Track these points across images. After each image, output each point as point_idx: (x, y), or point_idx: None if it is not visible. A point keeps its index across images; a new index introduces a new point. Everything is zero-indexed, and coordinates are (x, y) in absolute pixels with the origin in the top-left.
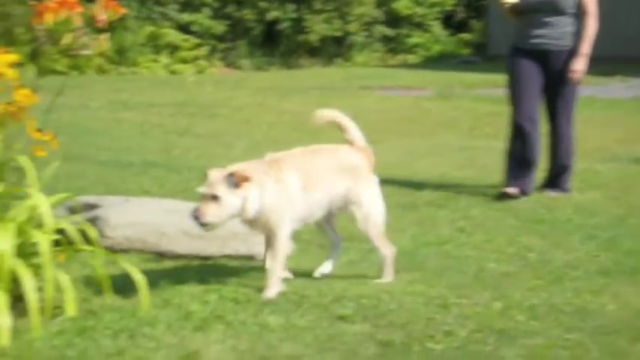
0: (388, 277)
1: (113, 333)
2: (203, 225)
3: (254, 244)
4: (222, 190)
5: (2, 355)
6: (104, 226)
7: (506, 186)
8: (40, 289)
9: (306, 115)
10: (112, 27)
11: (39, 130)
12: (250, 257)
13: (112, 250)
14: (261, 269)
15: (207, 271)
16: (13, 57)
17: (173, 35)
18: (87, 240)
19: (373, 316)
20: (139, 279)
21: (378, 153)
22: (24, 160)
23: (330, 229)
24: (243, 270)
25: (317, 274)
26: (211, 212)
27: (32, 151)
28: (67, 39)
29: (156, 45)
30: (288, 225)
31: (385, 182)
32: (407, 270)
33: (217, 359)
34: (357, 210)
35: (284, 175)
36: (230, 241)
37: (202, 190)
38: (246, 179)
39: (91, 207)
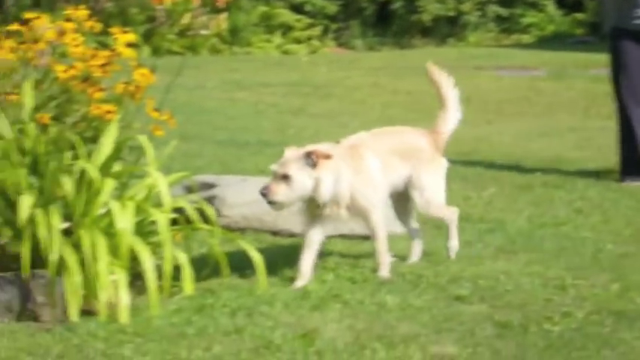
0: (454, 239)
1: (231, 311)
2: (270, 203)
3: (356, 224)
4: (294, 169)
5: (122, 332)
6: (221, 205)
7: (623, 174)
8: (158, 268)
9: (421, 95)
10: (226, 7)
11: (157, 110)
12: (366, 237)
13: (229, 229)
14: (372, 249)
15: (324, 250)
16: (130, 37)
17: (286, 15)
18: (204, 219)
19: (490, 297)
20: (257, 258)
21: (493, 133)
22: (143, 139)
23: (408, 218)
24: (360, 250)
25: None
26: (281, 191)
27: (150, 130)
28: (186, 19)
29: (269, 25)
30: (380, 207)
31: (500, 163)
32: (524, 251)
33: (335, 338)
34: (419, 195)
35: (365, 159)
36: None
37: (274, 167)
38: (327, 157)
39: (208, 186)
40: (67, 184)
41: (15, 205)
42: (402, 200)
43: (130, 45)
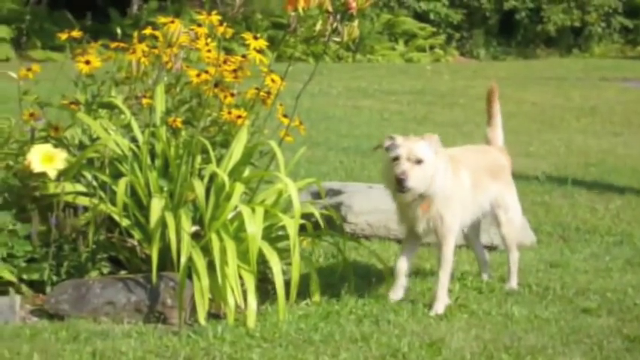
0: (514, 281)
1: (357, 318)
2: (404, 190)
3: (495, 234)
4: (428, 153)
5: (249, 336)
6: (348, 211)
7: None
8: (286, 273)
9: (545, 106)
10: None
11: (285, 116)
12: (492, 247)
13: (355, 236)
14: (502, 257)
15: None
16: (261, 43)
17: (410, 23)
18: (330, 225)
19: (619, 310)
20: (384, 265)
21: (619, 145)
22: (273, 145)
23: (478, 240)
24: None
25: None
26: (419, 176)
27: (280, 136)
28: (318, 25)
29: (392, 33)
30: (458, 230)
31: (627, 175)
32: None
33: (462, 348)
34: (503, 214)
35: (460, 173)
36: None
37: (401, 152)
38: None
39: (335, 193)
40: (198, 188)
41: (145, 208)
42: (474, 224)
43: (259, 51)
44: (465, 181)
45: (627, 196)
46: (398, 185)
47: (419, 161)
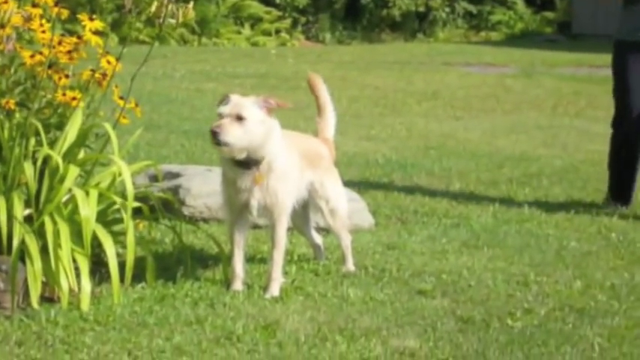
0: (350, 264)
1: (193, 301)
2: (219, 145)
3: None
4: (251, 111)
5: (83, 320)
6: (186, 194)
7: (611, 197)
8: (121, 256)
9: (388, 91)
10: None
11: (122, 98)
12: (328, 231)
13: (193, 219)
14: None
15: (288, 242)
16: (98, 24)
17: (256, 7)
18: (168, 208)
19: (453, 292)
20: (220, 248)
21: (460, 129)
22: (108, 127)
23: (307, 225)
24: (323, 242)
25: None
26: (236, 132)
27: (116, 118)
28: (153, 7)
29: (238, 16)
30: (290, 209)
31: (466, 159)
32: (488, 247)
33: (296, 330)
34: (324, 204)
35: (292, 151)
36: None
37: (224, 109)
38: (283, 106)
39: (173, 176)
40: (29, 170)
41: None
42: (301, 210)
43: (97, 33)
44: (296, 160)
45: (466, 179)
46: (212, 139)
47: (239, 118)
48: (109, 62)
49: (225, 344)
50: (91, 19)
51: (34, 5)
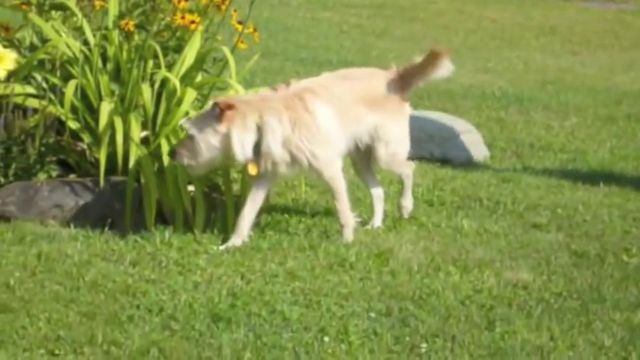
0: (408, 200)
1: (306, 228)
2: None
3: (450, 148)
4: (196, 127)
5: (197, 242)
6: None
7: None
8: (235, 181)
9: (505, 24)
10: None
11: (240, 23)
12: (445, 160)
13: None
14: (454, 171)
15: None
16: None
17: None
18: None
19: (568, 226)
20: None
21: (577, 64)
22: (226, 51)
23: (371, 177)
24: (437, 173)
25: (369, 227)
26: (186, 153)
27: (234, 43)
28: None
29: None
30: (334, 161)
31: (584, 94)
32: (604, 182)
33: (409, 259)
34: (383, 147)
35: (310, 109)
36: (426, 143)
37: (182, 122)
38: (230, 107)
39: None
40: (146, 93)
41: (96, 112)
42: (363, 155)
43: None
44: (320, 112)
45: (583, 114)
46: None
47: (190, 136)
48: None
49: (338, 271)
50: None
51: None
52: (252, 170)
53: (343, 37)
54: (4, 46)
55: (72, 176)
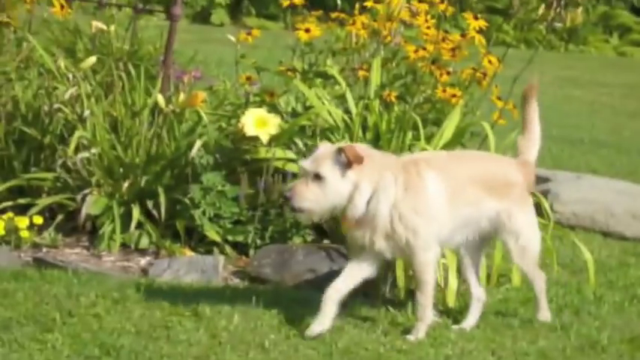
0: (545, 311)
1: (557, 307)
2: (295, 211)
3: None
4: (327, 167)
5: (446, 314)
6: (554, 200)
7: None
8: (489, 257)
9: None
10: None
11: (499, 99)
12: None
13: (560, 225)
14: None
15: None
16: (482, 23)
17: (626, 17)
18: (537, 211)
19: None
20: (588, 257)
21: None
22: (486, 127)
23: (474, 275)
24: None
25: (456, 328)
26: (310, 195)
27: (493, 118)
28: (541, 10)
29: (607, 25)
30: (432, 246)
31: None
32: None
33: None
34: (513, 241)
35: (423, 178)
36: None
37: (305, 164)
38: (358, 158)
39: (543, 180)
40: None
41: None
42: (472, 248)
43: (480, 32)
44: (432, 185)
45: None
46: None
47: (317, 176)
48: (490, 62)
49: (590, 354)
50: (475, 18)
51: (421, 1)
52: (348, 228)
53: (594, 116)
54: (268, 111)
55: (326, 242)
